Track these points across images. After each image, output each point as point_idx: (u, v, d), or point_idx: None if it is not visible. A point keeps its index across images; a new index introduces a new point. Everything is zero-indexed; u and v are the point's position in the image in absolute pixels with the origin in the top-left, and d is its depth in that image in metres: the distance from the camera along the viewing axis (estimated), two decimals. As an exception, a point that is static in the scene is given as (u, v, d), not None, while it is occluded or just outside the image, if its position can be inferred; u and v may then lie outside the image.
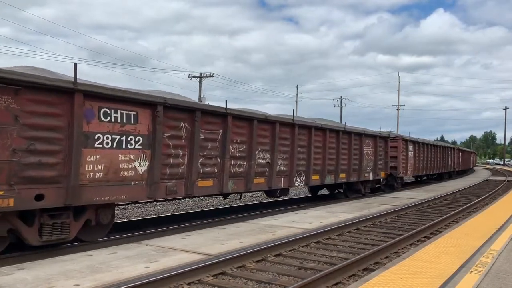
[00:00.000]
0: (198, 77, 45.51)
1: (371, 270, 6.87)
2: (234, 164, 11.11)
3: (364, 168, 17.98)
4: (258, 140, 11.83)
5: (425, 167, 27.59)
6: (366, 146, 18.10)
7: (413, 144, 24.80)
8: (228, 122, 10.69)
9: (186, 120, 9.63)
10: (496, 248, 7.36)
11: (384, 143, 20.29)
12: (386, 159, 20.41)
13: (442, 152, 32.44)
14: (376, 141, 19.14)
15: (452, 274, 5.72)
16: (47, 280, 5.60)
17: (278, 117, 12.84)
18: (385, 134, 20.52)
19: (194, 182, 9.86)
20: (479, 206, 16.09)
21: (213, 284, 6.07)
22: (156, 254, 7.10)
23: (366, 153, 18.14)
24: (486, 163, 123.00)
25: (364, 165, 17.94)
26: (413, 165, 24.47)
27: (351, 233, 10.19)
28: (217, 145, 10.54)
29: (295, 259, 7.60)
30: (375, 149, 19.03)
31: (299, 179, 13.78)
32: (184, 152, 9.63)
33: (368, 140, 18.45)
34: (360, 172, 17.65)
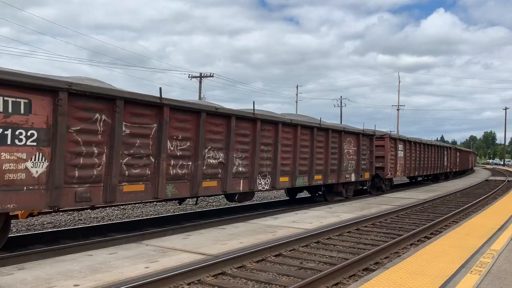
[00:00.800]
0: (198, 77, 45.53)
1: (371, 270, 6.87)
2: (175, 165, 9.44)
3: (345, 169, 16.28)
4: (207, 136, 10.19)
5: (418, 168, 25.82)
6: (347, 144, 16.48)
7: (404, 143, 23.11)
8: (165, 115, 9.00)
9: (103, 111, 7.95)
10: (496, 248, 7.36)
11: (369, 141, 18.66)
12: (371, 159, 18.76)
13: (437, 152, 30.77)
14: (359, 139, 17.37)
15: (452, 274, 5.72)
16: (47, 280, 5.60)
17: (234, 111, 11.16)
18: (369, 132, 18.82)
19: (116, 187, 8.14)
20: (479, 206, 16.10)
21: (213, 284, 6.07)
22: (156, 254, 7.10)
23: (347, 152, 16.51)
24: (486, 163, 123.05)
25: (345, 165, 16.24)
26: (403, 166, 22.82)
27: (351, 233, 10.19)
28: (150, 142, 8.88)
29: (295, 259, 7.60)
30: (357, 147, 17.30)
31: (264, 181, 12.19)
32: (102, 150, 7.95)
33: (350, 138, 16.75)
34: (340, 173, 15.95)
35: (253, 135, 11.73)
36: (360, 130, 17.81)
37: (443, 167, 32.49)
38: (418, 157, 25.58)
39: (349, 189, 17.38)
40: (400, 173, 22.58)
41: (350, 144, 16.74)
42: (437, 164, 30.36)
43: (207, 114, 10.09)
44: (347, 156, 16.50)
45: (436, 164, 30.28)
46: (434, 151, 29.68)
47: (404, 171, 23.26)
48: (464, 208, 14.75)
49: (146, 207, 15.79)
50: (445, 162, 33.43)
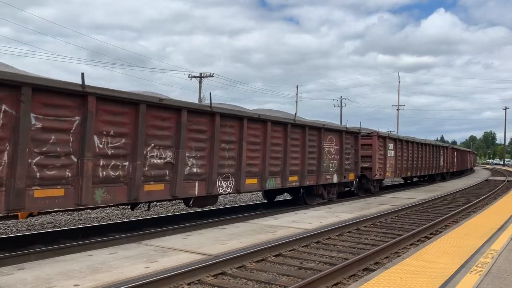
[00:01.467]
0: (198, 77, 45.53)
1: (371, 270, 6.87)
2: (106, 165, 8.09)
3: (325, 170, 15.02)
4: (150, 132, 8.89)
5: (411, 168, 24.47)
6: (328, 143, 15.19)
7: (394, 142, 21.81)
8: (90, 106, 7.69)
9: (3, 100, 6.68)
10: (496, 248, 7.36)
11: (354, 139, 17.37)
12: (356, 159, 17.45)
13: (433, 152, 29.32)
14: (341, 137, 16.04)
15: (452, 274, 5.72)
16: (47, 280, 5.60)
17: (185, 103, 9.75)
18: (354, 129, 17.53)
19: (24, 192, 6.86)
20: (479, 206, 16.10)
21: (213, 284, 6.07)
22: (156, 254, 7.10)
23: (328, 151, 15.21)
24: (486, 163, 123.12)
25: (325, 165, 14.99)
26: (394, 166, 21.55)
27: (351, 233, 10.19)
28: (71, 138, 7.55)
29: (295, 259, 7.60)
30: (340, 146, 15.98)
31: (225, 184, 10.85)
32: (2, 147, 6.70)
33: (331, 136, 15.42)
34: (320, 174, 14.67)
35: (211, 131, 10.34)
36: (343, 128, 16.59)
37: (439, 167, 31.12)
38: (411, 157, 24.34)
39: (331, 191, 16.12)
40: (391, 173, 21.28)
41: (331, 142, 15.43)
42: (432, 164, 29.07)
43: (148, 106, 8.73)
44: (328, 155, 15.21)
45: (432, 164, 28.96)
46: (429, 150, 28.37)
47: (395, 171, 21.93)
48: (464, 208, 14.75)
49: (146, 207, 15.78)
50: (441, 162, 32.03)
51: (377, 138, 19.61)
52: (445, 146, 34.70)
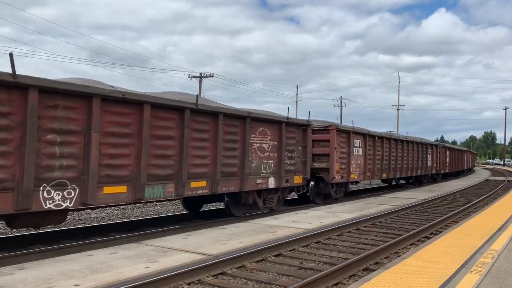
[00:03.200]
0: (198, 77, 45.53)
1: (371, 270, 6.87)
2: None
3: (255, 172, 11.84)
4: None
5: (388, 169, 21.25)
6: (259, 137, 11.97)
7: (363, 137, 18.57)
8: None
9: None
10: (496, 248, 7.36)
11: (301, 134, 14.04)
12: (305, 157, 14.07)
13: (418, 150, 25.85)
14: (280, 130, 12.78)
15: (452, 274, 5.72)
16: (47, 280, 5.60)
17: None
18: (300, 121, 14.17)
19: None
20: (479, 206, 16.10)
21: (213, 284, 6.07)
22: (156, 254, 7.10)
23: (259, 148, 11.95)
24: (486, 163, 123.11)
25: (255, 166, 11.80)
26: (362, 166, 18.39)
27: (351, 233, 10.19)
28: None
29: (295, 259, 7.60)
30: (279, 142, 12.74)
31: (59, 195, 7.38)
32: None
33: (264, 128, 12.15)
34: (245, 177, 11.31)
35: (22, 117, 6.85)
36: (283, 118, 13.01)
37: (426, 168, 27.71)
38: (387, 156, 21.12)
39: (269, 199, 13.02)
40: (358, 175, 18.00)
41: (264, 136, 12.06)
42: (417, 164, 25.87)
43: None
44: (259, 153, 11.93)
45: (417, 165, 25.75)
46: (413, 149, 25.02)
47: (364, 173, 18.60)
48: (464, 208, 14.75)
49: (146, 207, 15.79)
50: (429, 162, 28.61)
51: (336, 133, 16.28)
52: (434, 144, 30.76)
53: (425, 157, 27.61)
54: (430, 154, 28.82)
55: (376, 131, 20.65)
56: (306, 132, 14.22)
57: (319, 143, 16.15)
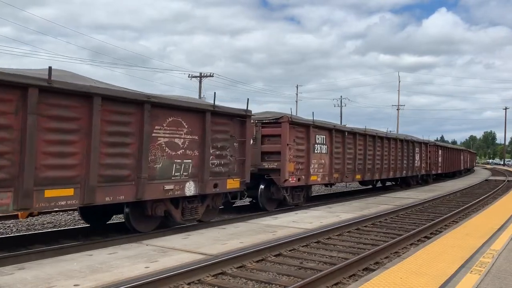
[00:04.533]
0: (198, 77, 45.55)
1: (371, 270, 6.87)
2: None
3: (162, 175, 9.20)
4: None
5: (363, 170, 18.51)
6: (169, 130, 9.34)
7: (328, 132, 15.78)
8: None
9: None
10: (496, 248, 7.36)
11: (237, 126, 11.24)
12: (243, 156, 11.34)
13: (403, 148, 23.21)
14: (204, 121, 10.09)
15: (452, 274, 5.72)
16: (47, 280, 5.60)
17: None
18: (234, 111, 11.16)
19: None
20: (479, 206, 16.10)
21: (213, 284, 6.07)
22: (156, 254, 7.10)
23: (168, 145, 9.32)
24: (486, 163, 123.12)
25: (160, 168, 9.15)
26: (328, 167, 15.74)
27: (351, 233, 10.19)
28: None
29: (295, 259, 7.60)
30: (201, 136, 10.06)
31: None
32: None
33: (177, 119, 9.53)
34: (142, 182, 8.65)
35: None
36: (207, 106, 10.32)
37: (413, 168, 25.02)
38: (363, 154, 18.49)
39: (191, 208, 10.27)
40: (321, 177, 15.35)
41: (177, 129, 9.49)
42: (402, 164, 23.16)
43: None
44: (169, 151, 9.32)
45: (401, 165, 23.06)
46: (396, 147, 22.23)
47: (331, 174, 15.89)
48: (464, 208, 14.76)
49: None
50: (417, 162, 25.85)
51: (290, 126, 13.56)
52: (423, 142, 27.56)
53: (412, 156, 24.94)
54: (418, 153, 26.08)
55: (344, 126, 17.95)
56: (245, 125, 11.38)
57: (269, 139, 13.66)
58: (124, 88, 8.97)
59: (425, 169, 27.64)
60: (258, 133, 13.59)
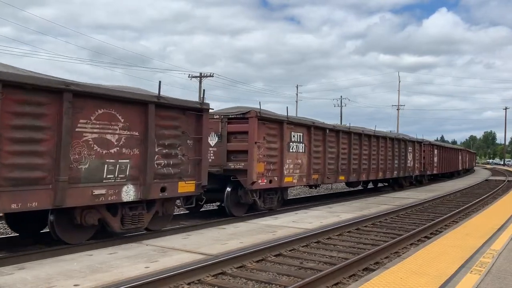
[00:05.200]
0: (198, 77, 45.55)
1: (371, 270, 6.87)
2: None
3: (89, 177, 7.77)
4: None
5: (348, 170, 17.08)
6: (99, 124, 7.95)
7: (307, 130, 14.45)
8: None
9: None
10: (496, 248, 7.36)
11: (192, 122, 9.80)
12: (199, 156, 9.89)
13: (393, 147, 21.73)
14: (147, 115, 8.70)
15: (452, 274, 5.72)
16: (47, 280, 5.60)
17: None
18: (187, 103, 9.68)
19: None
20: (479, 206, 16.10)
21: (213, 284, 6.07)
22: (156, 254, 7.10)
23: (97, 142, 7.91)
24: (486, 163, 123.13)
25: (87, 169, 7.74)
26: (306, 167, 14.35)
27: (351, 233, 10.19)
28: None
29: (295, 259, 7.60)
30: (143, 132, 8.69)
31: None
32: None
33: (109, 111, 8.13)
34: (61, 186, 7.29)
35: None
36: (150, 97, 8.83)
37: (405, 168, 23.62)
38: (347, 154, 17.08)
39: (133, 216, 8.82)
40: (298, 179, 13.99)
41: (111, 123, 8.12)
42: (393, 165, 21.78)
43: None
44: (98, 148, 7.91)
45: (392, 165, 21.67)
46: (386, 146, 20.78)
47: (309, 175, 14.51)
48: (464, 208, 14.76)
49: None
50: (410, 162, 24.36)
51: (259, 122, 12.17)
52: (417, 141, 26.01)
53: (404, 156, 23.53)
54: (411, 152, 24.69)
55: (323, 123, 15.95)
56: (201, 120, 9.95)
57: (236, 137, 12.33)
58: (37, 73, 7.51)
59: (419, 170, 26.39)
60: (223, 129, 12.28)
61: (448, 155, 35.32)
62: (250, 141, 11.93)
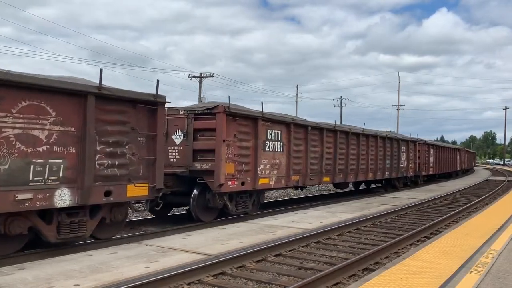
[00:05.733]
0: (198, 77, 45.54)
1: (371, 270, 6.87)
2: None
3: (11, 179, 6.71)
4: None
5: (333, 171, 15.95)
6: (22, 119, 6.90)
7: (286, 127, 13.23)
8: None
9: None
10: (496, 248, 7.37)
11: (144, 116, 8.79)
12: (152, 154, 8.87)
13: (384, 147, 20.46)
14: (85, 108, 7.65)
15: (452, 274, 5.72)
16: (47, 280, 5.60)
17: None
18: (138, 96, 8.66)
19: None
20: (479, 206, 16.10)
21: (213, 284, 6.07)
22: (156, 254, 7.10)
23: (20, 139, 6.87)
24: (486, 163, 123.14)
25: (5, 170, 6.68)
26: (285, 167, 13.20)
27: (351, 233, 10.19)
28: None
29: (295, 259, 7.60)
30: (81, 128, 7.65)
31: None
32: None
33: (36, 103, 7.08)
34: None
35: None
36: (90, 87, 7.77)
37: (398, 169, 22.38)
38: (333, 153, 15.93)
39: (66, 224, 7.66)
40: (275, 180, 12.82)
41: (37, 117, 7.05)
42: (384, 165, 20.55)
43: None
44: (22, 147, 6.87)
45: (383, 165, 20.47)
46: (376, 145, 19.65)
47: (287, 176, 13.31)
48: (464, 208, 14.75)
49: (146, 207, 15.78)
50: (403, 162, 23.20)
51: (228, 118, 10.98)
52: (411, 140, 24.89)
53: (397, 156, 22.22)
54: (404, 152, 23.37)
55: (303, 120, 14.74)
56: (156, 115, 8.89)
57: (203, 134, 11.21)
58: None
59: (414, 170, 25.08)
60: (189, 127, 11.23)
61: (445, 155, 34.28)
62: (218, 139, 10.75)
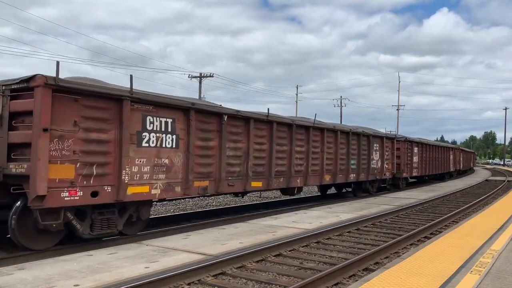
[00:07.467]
0: (198, 77, 45.52)
1: (371, 270, 6.87)
2: None
3: None
4: None
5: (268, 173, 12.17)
6: None
7: (183, 114, 9.62)
8: None
9: None
10: (496, 248, 7.36)
11: None
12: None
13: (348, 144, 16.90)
14: None
15: (452, 274, 5.72)
16: (47, 280, 5.60)
17: None
18: None
19: None
20: (479, 206, 16.10)
21: (213, 284, 6.07)
22: (156, 254, 7.10)
23: None
24: (486, 163, 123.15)
25: None
26: (179, 169, 9.18)
27: (351, 233, 10.19)
28: None
29: (295, 259, 7.60)
30: None
31: None
32: None
33: None
34: None
35: None
36: None
37: (368, 171, 18.73)
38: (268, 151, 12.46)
39: None
40: (161, 188, 9.11)
41: None
42: (349, 166, 17.06)
43: None
44: None
45: (347, 166, 16.92)
46: (336, 142, 16.06)
47: (185, 182, 9.67)
48: (464, 208, 14.75)
49: (146, 207, 15.77)
50: (376, 163, 19.59)
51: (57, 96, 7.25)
52: (387, 136, 21.45)
53: (366, 155, 18.58)
54: (378, 150, 19.84)
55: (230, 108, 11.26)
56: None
57: (23, 120, 7.47)
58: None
59: (391, 172, 21.57)
60: (4, 109, 7.54)
61: (434, 155, 30.33)
62: (36, 128, 7.06)
